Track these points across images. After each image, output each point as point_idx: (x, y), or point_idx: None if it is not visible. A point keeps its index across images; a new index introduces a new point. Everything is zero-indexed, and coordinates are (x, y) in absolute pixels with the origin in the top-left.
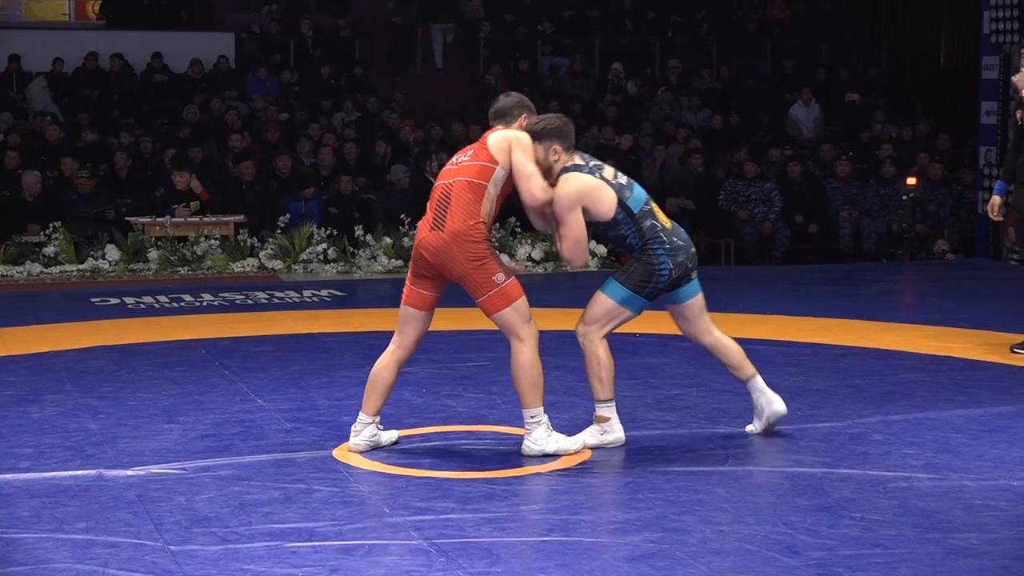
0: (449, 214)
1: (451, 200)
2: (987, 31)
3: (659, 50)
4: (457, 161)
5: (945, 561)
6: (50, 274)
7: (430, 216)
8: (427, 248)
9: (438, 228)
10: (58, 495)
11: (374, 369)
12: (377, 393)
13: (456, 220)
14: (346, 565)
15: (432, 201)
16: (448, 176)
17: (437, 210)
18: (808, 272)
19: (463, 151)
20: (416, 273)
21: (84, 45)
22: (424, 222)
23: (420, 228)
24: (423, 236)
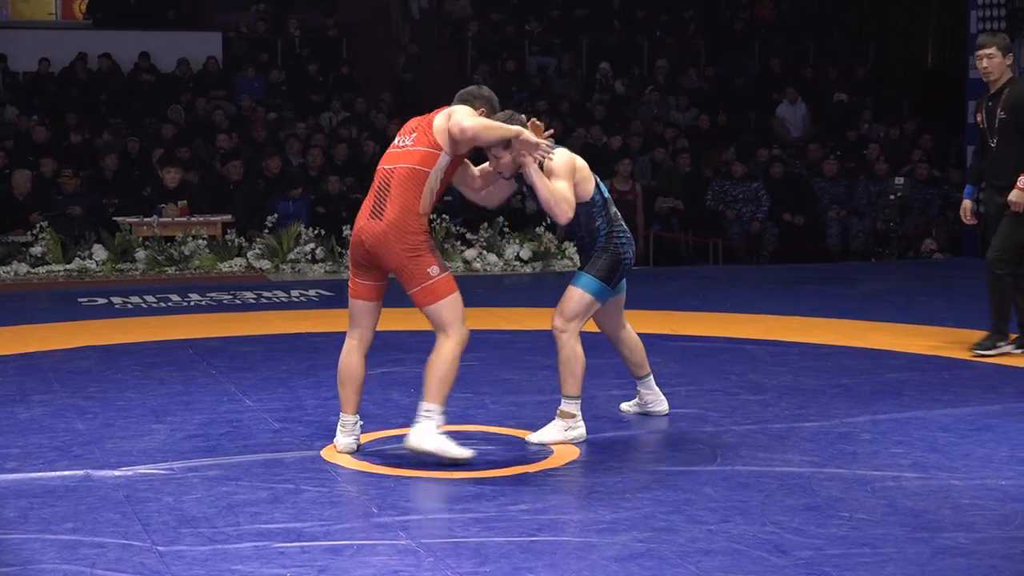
0: (389, 203)
1: (391, 188)
2: (974, 31)
3: (647, 49)
4: (401, 144)
5: (933, 560)
6: (37, 274)
7: (369, 204)
8: (365, 237)
9: (376, 217)
10: (45, 495)
11: (342, 368)
12: (354, 390)
13: (394, 210)
14: (334, 565)
15: (372, 187)
16: (391, 160)
17: (377, 198)
18: (796, 271)
19: (408, 130)
20: (356, 263)
21: (71, 45)
22: (363, 210)
23: (359, 216)
24: (361, 225)
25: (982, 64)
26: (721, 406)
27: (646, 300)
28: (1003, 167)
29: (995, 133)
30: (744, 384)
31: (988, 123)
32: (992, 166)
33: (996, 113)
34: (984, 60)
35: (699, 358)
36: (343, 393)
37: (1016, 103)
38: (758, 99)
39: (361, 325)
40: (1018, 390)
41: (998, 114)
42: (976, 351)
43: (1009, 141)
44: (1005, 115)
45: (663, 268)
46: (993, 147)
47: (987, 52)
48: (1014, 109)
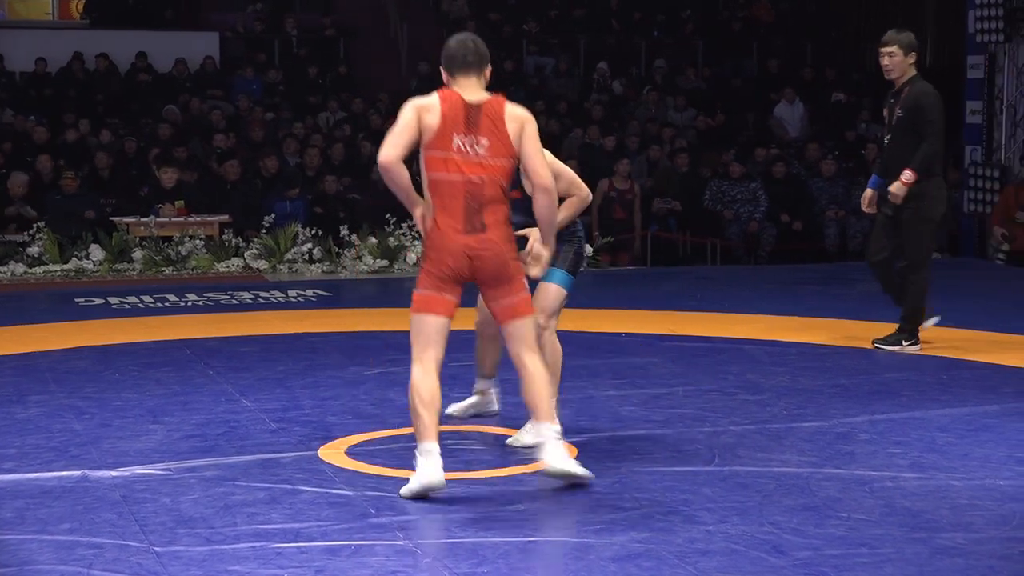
0: (487, 215)
1: (486, 200)
2: (972, 30)
3: (645, 50)
4: (474, 151)
5: (931, 561)
6: (34, 274)
7: (459, 218)
8: (475, 250)
9: (479, 231)
10: (42, 496)
11: (423, 392)
12: (437, 414)
13: (497, 220)
14: (332, 566)
15: (452, 199)
16: (473, 170)
17: (469, 210)
18: (794, 271)
19: (468, 132)
20: (450, 279)
21: (68, 45)
22: (451, 223)
23: (447, 230)
24: (462, 240)
25: (884, 61)
26: (719, 406)
27: (644, 300)
28: (896, 163)
29: (890, 130)
30: (742, 384)
31: (889, 120)
32: (887, 161)
33: (895, 111)
34: (886, 58)
35: (697, 358)
36: (429, 419)
37: (915, 103)
38: (756, 99)
39: (438, 345)
40: (1016, 390)
41: (896, 111)
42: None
43: (901, 139)
44: (902, 113)
45: (661, 268)
46: (887, 143)
47: (889, 50)
48: (912, 109)
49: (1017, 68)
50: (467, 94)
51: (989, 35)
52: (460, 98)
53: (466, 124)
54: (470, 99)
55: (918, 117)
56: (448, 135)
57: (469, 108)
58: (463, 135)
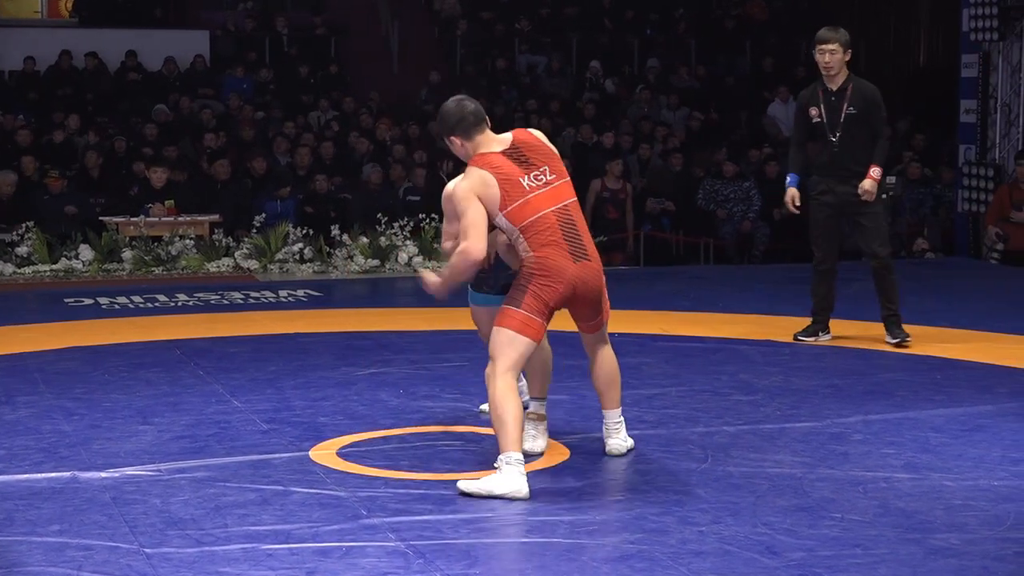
0: (585, 242)
1: (577, 225)
2: (966, 29)
3: (637, 48)
4: (544, 179)
5: (925, 561)
6: (23, 274)
7: (563, 249)
8: (586, 280)
9: (584, 259)
10: (31, 497)
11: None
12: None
13: (592, 246)
14: (323, 567)
15: (550, 229)
16: (554, 199)
17: (570, 240)
18: (788, 271)
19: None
20: (553, 307)
21: (57, 43)
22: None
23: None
24: (574, 271)
25: (824, 59)
26: (712, 406)
27: (637, 300)
28: (849, 160)
29: (839, 127)
30: (735, 384)
31: (830, 118)
32: (836, 159)
33: (842, 108)
34: (827, 55)
35: (690, 358)
36: (517, 431)
37: (870, 99)
38: (749, 98)
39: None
40: (1010, 390)
41: (845, 109)
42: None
43: (855, 135)
44: (855, 110)
45: (654, 268)
46: (835, 141)
47: (830, 48)
48: (866, 105)
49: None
50: (495, 146)
51: (983, 34)
52: (496, 153)
53: (520, 166)
54: (503, 146)
55: (874, 113)
56: (517, 183)
57: (512, 152)
58: (526, 176)
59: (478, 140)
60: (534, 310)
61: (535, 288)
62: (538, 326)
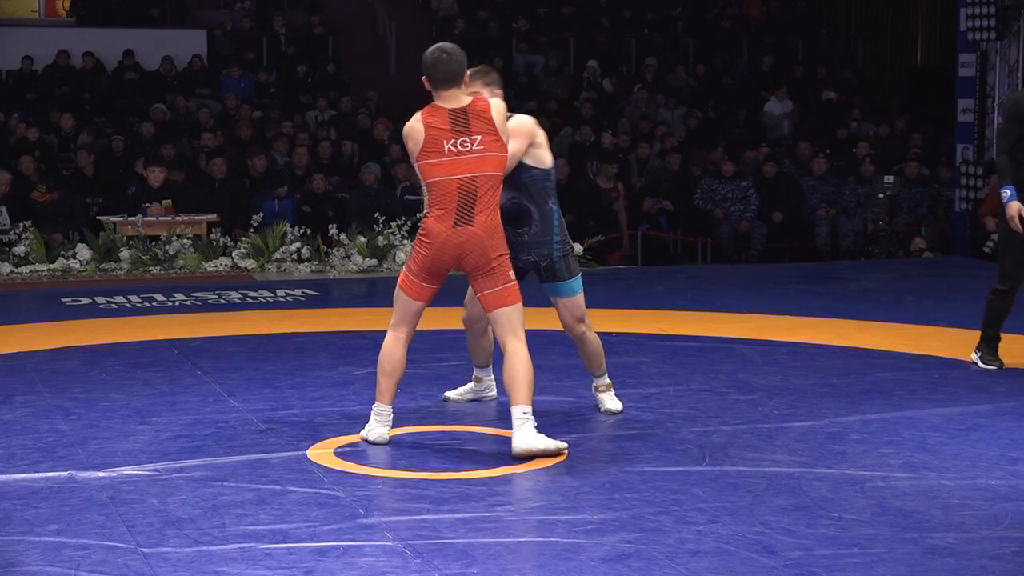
0: (477, 210)
1: (478, 196)
2: (963, 28)
3: (635, 47)
4: (467, 148)
5: (923, 561)
6: (20, 274)
7: (450, 213)
8: (459, 242)
9: (466, 223)
10: (29, 497)
11: (390, 359)
12: (396, 382)
13: (484, 215)
14: (320, 567)
15: (446, 196)
16: (467, 168)
17: (461, 206)
18: (785, 270)
19: (460, 132)
20: (433, 270)
21: (54, 42)
22: (441, 220)
23: (437, 226)
24: (449, 233)
25: None
26: (710, 406)
27: (635, 299)
28: None
29: None
30: (733, 384)
31: None
32: None
33: None
34: None
35: (688, 357)
36: (386, 383)
37: None
38: (747, 97)
39: (412, 324)
40: (1008, 390)
41: None
42: None
43: None
44: None
45: (652, 267)
46: None
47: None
48: None
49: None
50: (449, 103)
51: (981, 33)
52: (442, 107)
53: (453, 128)
54: (455, 105)
55: None
56: (439, 143)
57: (456, 113)
58: (453, 139)
59: (440, 93)
60: (412, 271)
61: (415, 250)
62: (417, 286)
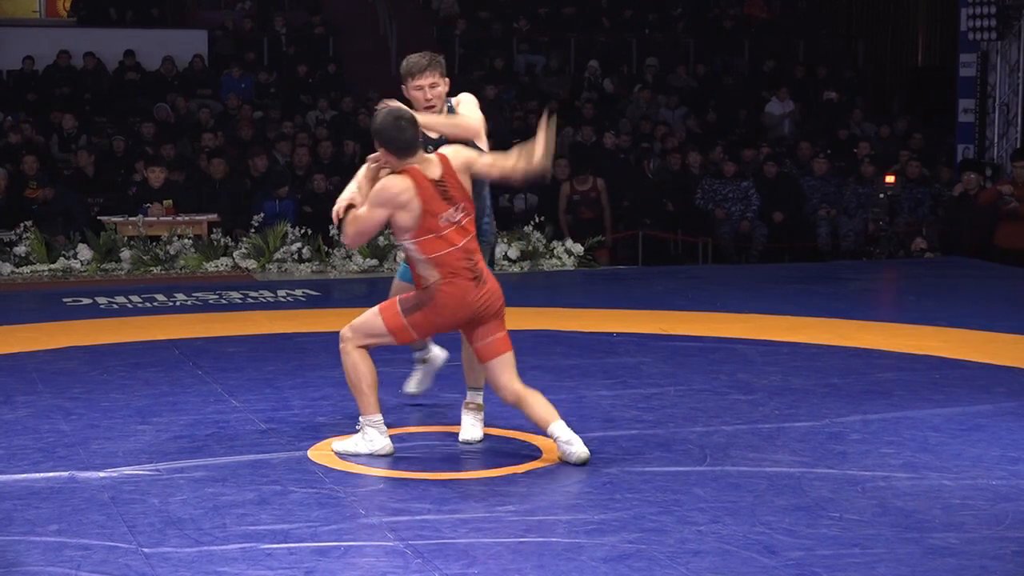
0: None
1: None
2: (964, 28)
3: (636, 47)
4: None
5: (924, 561)
6: (21, 274)
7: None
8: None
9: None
10: (30, 497)
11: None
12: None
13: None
14: (321, 567)
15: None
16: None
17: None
18: (786, 271)
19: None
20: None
21: (55, 42)
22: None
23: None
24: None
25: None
26: (710, 406)
27: (636, 299)
28: None
29: None
30: (734, 384)
31: None
32: None
33: None
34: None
35: (688, 358)
36: (372, 395)
37: None
38: (748, 97)
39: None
40: (1009, 390)
41: None
42: None
43: None
44: None
45: (652, 267)
46: None
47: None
48: None
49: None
50: (428, 170)
51: (982, 33)
52: (427, 179)
53: (442, 199)
54: (433, 175)
55: None
56: (435, 216)
57: (437, 185)
58: (444, 213)
59: (407, 162)
60: (417, 327)
61: (432, 311)
62: (409, 338)
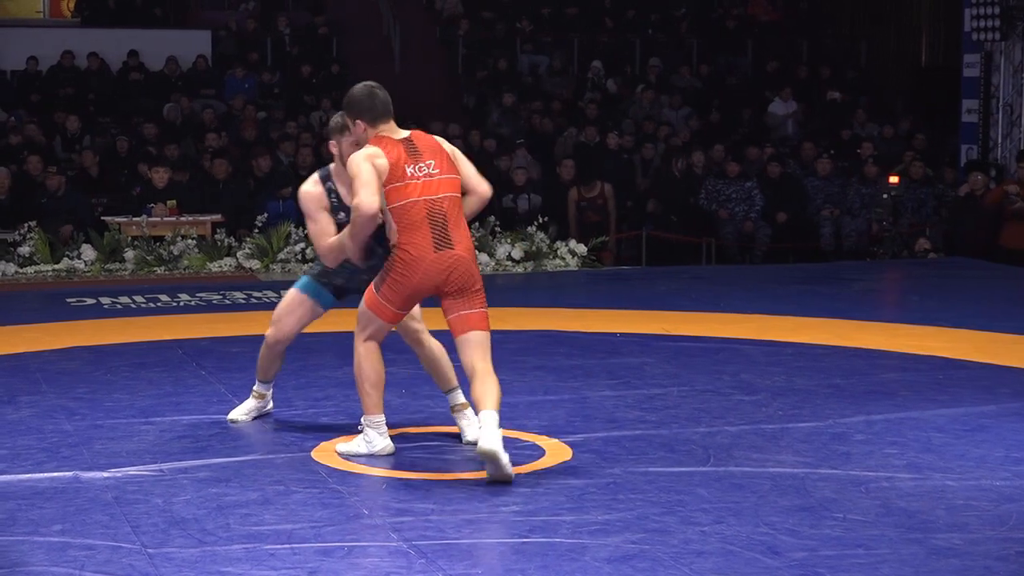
0: (453, 232)
1: (449, 217)
2: (968, 29)
3: (639, 48)
4: (428, 172)
5: (927, 561)
6: (25, 274)
7: (427, 237)
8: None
9: (447, 247)
10: (33, 497)
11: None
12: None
13: (463, 237)
14: (325, 567)
15: (418, 219)
16: (431, 190)
17: (436, 229)
18: (789, 271)
19: (418, 158)
20: (413, 298)
21: (59, 43)
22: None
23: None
24: (432, 258)
25: None
26: (714, 406)
27: (639, 300)
28: None
29: None
30: (737, 384)
31: None
32: None
33: None
34: None
35: (692, 358)
36: (377, 395)
37: None
38: (751, 97)
39: (383, 336)
40: (1013, 390)
41: None
42: None
43: None
44: None
45: (655, 268)
46: None
47: None
48: None
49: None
50: (394, 134)
51: (985, 33)
52: (392, 139)
53: (409, 155)
54: (399, 136)
55: None
56: (401, 168)
57: (405, 142)
58: (412, 165)
59: (381, 128)
60: (387, 299)
61: (393, 278)
62: (391, 312)
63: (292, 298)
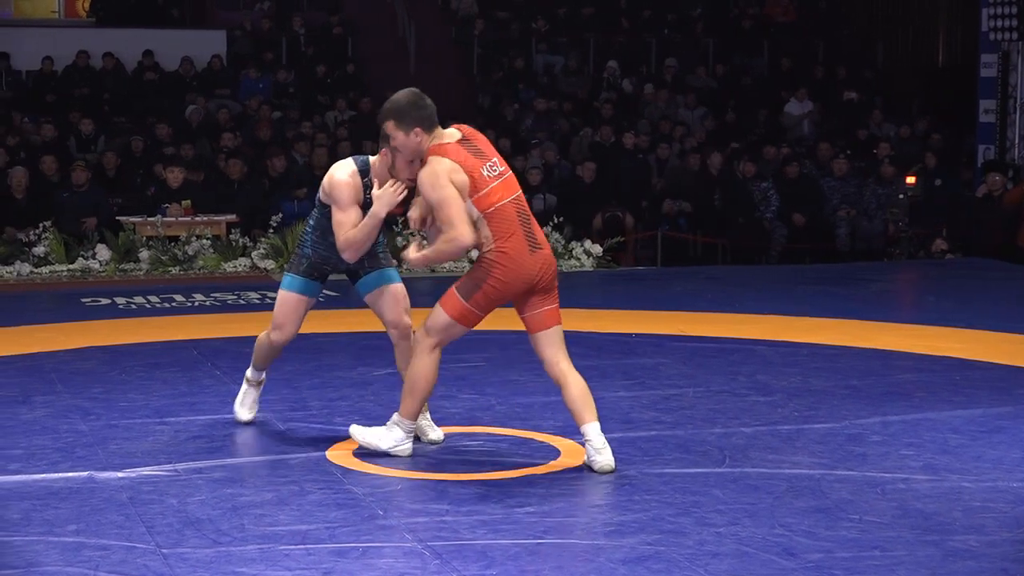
0: (536, 231)
1: (530, 216)
2: (985, 28)
3: (655, 48)
4: (500, 172)
5: (944, 563)
6: (40, 274)
7: (520, 237)
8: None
9: (538, 248)
10: (48, 497)
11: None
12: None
13: (542, 235)
14: (339, 568)
15: (510, 220)
16: (511, 189)
17: (525, 228)
18: (805, 271)
19: (484, 158)
20: (502, 301)
21: (74, 43)
22: (518, 245)
23: (517, 252)
24: (527, 260)
25: None
26: (729, 407)
27: (655, 300)
28: None
29: None
30: (753, 385)
31: None
32: None
33: None
34: None
35: (707, 359)
36: (421, 404)
37: None
38: (767, 98)
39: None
40: None
41: None
42: None
43: None
44: None
45: (671, 268)
46: None
47: None
48: None
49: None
50: (447, 138)
51: (1003, 33)
52: (453, 144)
53: (477, 157)
54: (455, 139)
55: None
56: (478, 174)
57: (464, 144)
58: (483, 167)
59: (436, 132)
60: (479, 305)
61: (489, 285)
62: (476, 318)
63: (288, 302)
